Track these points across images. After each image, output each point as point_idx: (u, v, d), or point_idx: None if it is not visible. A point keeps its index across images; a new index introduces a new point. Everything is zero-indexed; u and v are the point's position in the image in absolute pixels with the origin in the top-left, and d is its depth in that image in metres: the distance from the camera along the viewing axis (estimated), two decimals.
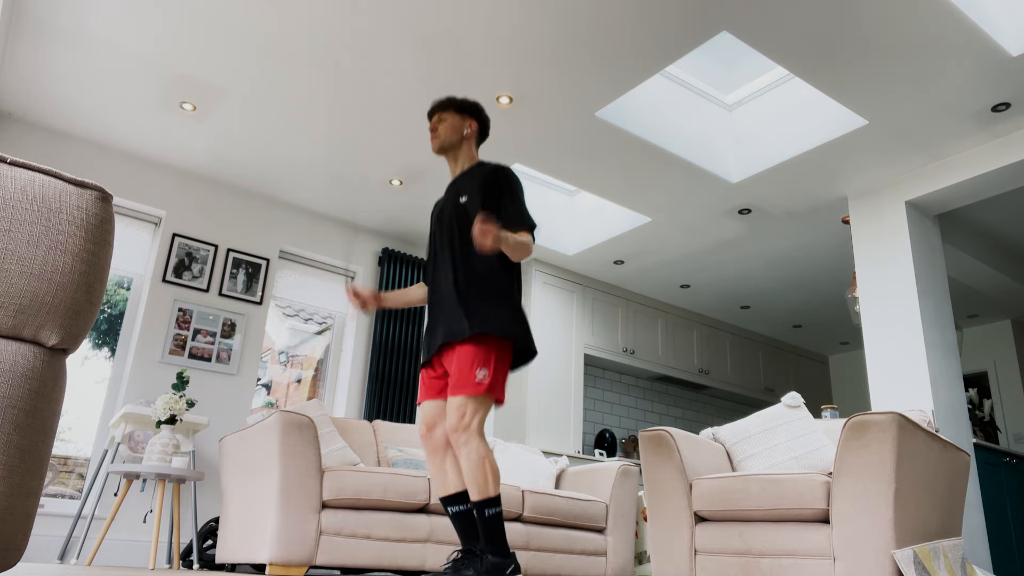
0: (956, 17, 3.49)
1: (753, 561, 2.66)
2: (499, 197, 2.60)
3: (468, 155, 2.77)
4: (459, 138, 2.74)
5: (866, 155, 4.61)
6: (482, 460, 2.38)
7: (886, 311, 4.66)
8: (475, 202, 2.59)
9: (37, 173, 1.08)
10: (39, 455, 1.06)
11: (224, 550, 3.47)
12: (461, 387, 2.43)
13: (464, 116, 2.76)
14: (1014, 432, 6.74)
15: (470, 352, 2.45)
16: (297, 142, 4.84)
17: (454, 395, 2.44)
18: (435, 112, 2.77)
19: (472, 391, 2.41)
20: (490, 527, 2.37)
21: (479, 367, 2.43)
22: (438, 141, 2.74)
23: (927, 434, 2.57)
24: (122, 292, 5.19)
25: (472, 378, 2.42)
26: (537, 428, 5.91)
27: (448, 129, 2.73)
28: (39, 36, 3.94)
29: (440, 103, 2.78)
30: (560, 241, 6.16)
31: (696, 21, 3.62)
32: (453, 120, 2.74)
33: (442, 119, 2.75)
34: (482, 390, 2.41)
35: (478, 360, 2.44)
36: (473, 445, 2.39)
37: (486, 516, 2.37)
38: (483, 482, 2.37)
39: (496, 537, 2.37)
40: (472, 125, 2.77)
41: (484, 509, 2.37)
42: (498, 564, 2.33)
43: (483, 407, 2.44)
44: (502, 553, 2.36)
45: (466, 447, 2.40)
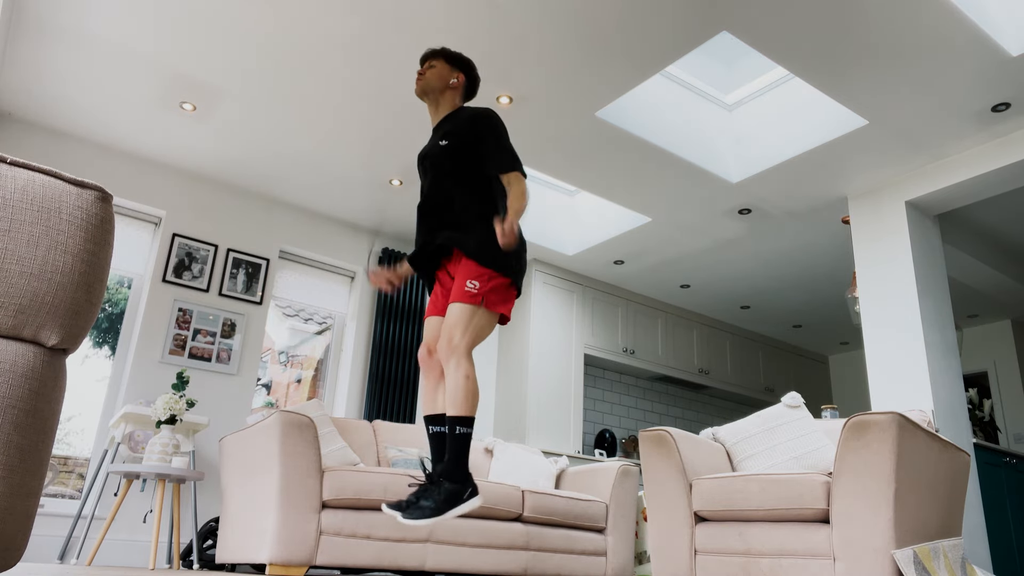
0: (956, 17, 3.49)
1: (753, 561, 2.66)
2: (483, 141, 2.62)
3: (450, 103, 2.79)
4: (443, 85, 2.76)
5: (866, 155, 4.61)
6: (465, 379, 2.42)
7: (886, 311, 4.66)
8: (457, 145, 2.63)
9: (37, 173, 1.08)
10: (39, 455, 1.06)
11: (224, 550, 3.47)
12: (455, 296, 2.50)
13: (453, 67, 2.79)
14: (1014, 432, 6.74)
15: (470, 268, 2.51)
16: (297, 142, 4.84)
17: (450, 304, 2.50)
18: (427, 59, 2.81)
19: (461, 299, 2.47)
20: (456, 445, 2.41)
21: (471, 279, 2.49)
22: (421, 83, 2.77)
23: (927, 434, 2.57)
24: (123, 291, 5.20)
25: (461, 288, 2.49)
26: (537, 428, 5.91)
27: (435, 75, 2.76)
28: (39, 36, 3.94)
29: (433, 50, 2.81)
30: (560, 241, 6.16)
31: (696, 21, 3.62)
32: (442, 68, 2.77)
33: (431, 65, 2.78)
34: (470, 300, 2.46)
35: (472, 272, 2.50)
36: (458, 363, 2.43)
37: (456, 433, 2.41)
38: (461, 400, 2.41)
39: (459, 457, 2.40)
40: (459, 77, 2.80)
41: (456, 426, 2.41)
42: (455, 491, 2.36)
43: (475, 323, 2.48)
44: (460, 478, 2.38)
45: (451, 365, 2.44)
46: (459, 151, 2.62)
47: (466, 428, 2.42)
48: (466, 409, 2.41)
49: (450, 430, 2.42)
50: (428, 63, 2.79)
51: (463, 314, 2.47)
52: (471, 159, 2.62)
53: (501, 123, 2.69)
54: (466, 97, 2.85)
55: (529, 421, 5.88)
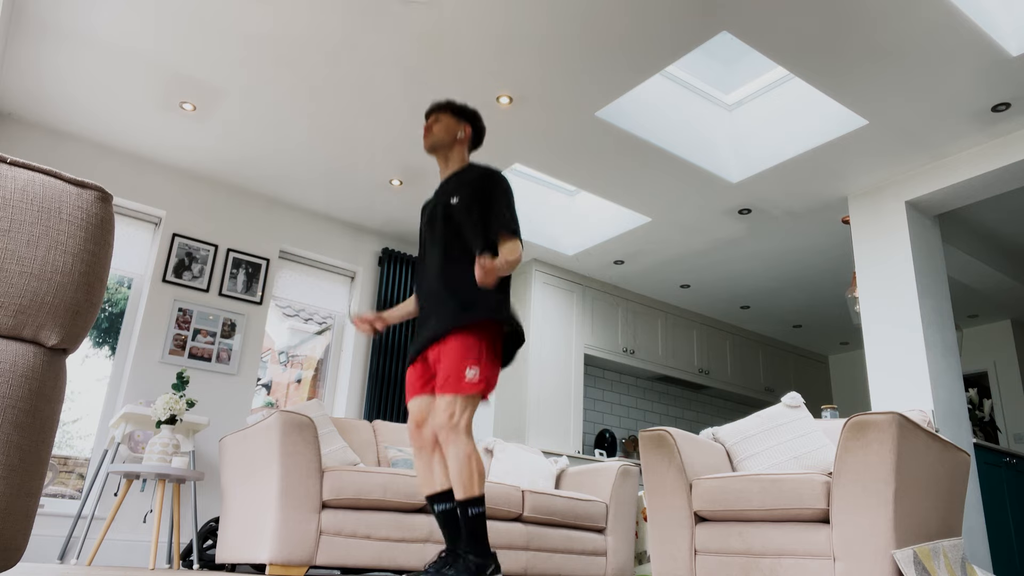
0: (956, 17, 3.49)
1: (753, 561, 2.66)
2: (490, 201, 2.62)
3: (459, 157, 2.79)
4: (451, 140, 2.76)
5: (866, 155, 4.61)
6: (468, 459, 2.40)
7: (886, 311, 4.66)
8: (465, 203, 2.62)
9: (37, 173, 1.08)
10: (39, 455, 1.06)
11: (224, 550, 3.47)
12: (451, 386, 2.43)
13: (460, 120, 2.79)
14: (1014, 432, 6.74)
15: (459, 347, 2.46)
16: (297, 142, 4.84)
17: (443, 393, 2.45)
18: (432, 112, 2.81)
19: (462, 391, 2.42)
20: (473, 526, 2.39)
21: (469, 365, 2.43)
22: (430, 139, 2.77)
23: (927, 434, 2.57)
24: (123, 291, 5.19)
25: (462, 377, 2.43)
26: (537, 428, 5.91)
27: (442, 130, 2.76)
28: (39, 36, 3.94)
29: (438, 104, 2.81)
30: (560, 241, 6.16)
31: (696, 21, 3.62)
32: (448, 122, 2.77)
33: (438, 119, 2.78)
34: (472, 389, 2.43)
35: (468, 356, 2.44)
36: (461, 443, 2.40)
37: (469, 515, 2.38)
38: (468, 481, 2.38)
39: (478, 537, 2.39)
40: (466, 130, 2.80)
41: (468, 508, 2.39)
42: (479, 564, 2.35)
43: (472, 405, 2.46)
44: (483, 553, 2.38)
45: (454, 446, 2.41)
46: (468, 210, 2.60)
47: (479, 508, 2.40)
48: (476, 489, 2.39)
49: (462, 513, 2.39)
50: (434, 117, 2.79)
51: (460, 399, 2.43)
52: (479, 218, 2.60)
53: (508, 185, 2.69)
54: (473, 147, 2.86)
55: (529, 421, 5.88)
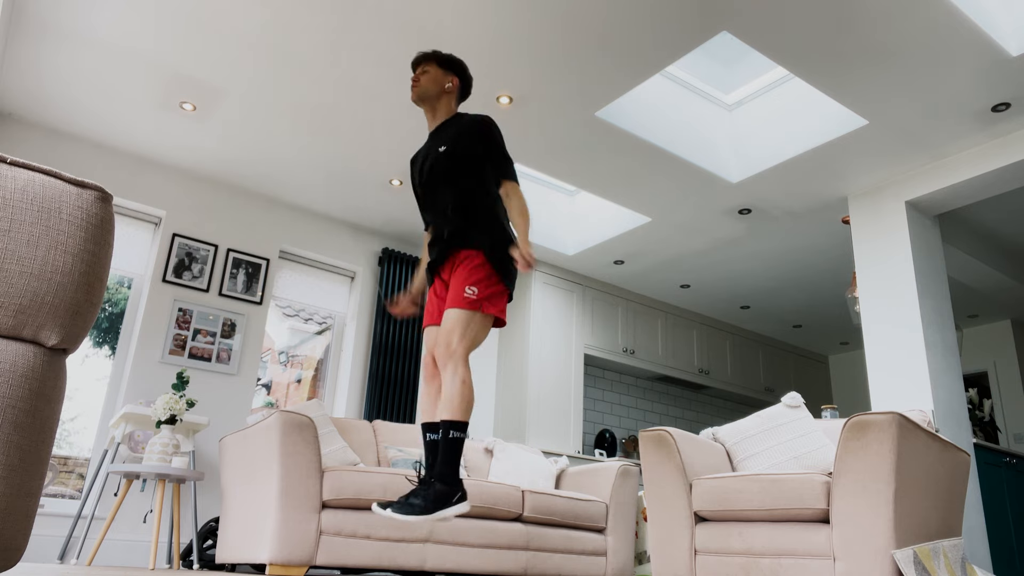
0: (956, 17, 3.49)
1: (753, 561, 2.66)
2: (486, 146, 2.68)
3: (447, 108, 2.82)
4: (439, 90, 2.79)
5: (866, 155, 4.61)
6: (461, 384, 2.45)
7: (886, 311, 4.66)
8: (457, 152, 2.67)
9: (37, 173, 1.08)
10: (39, 455, 1.06)
11: (224, 550, 3.47)
12: (451, 302, 2.53)
13: (446, 71, 2.82)
14: (1014, 432, 6.74)
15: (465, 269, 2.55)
16: (297, 142, 4.84)
17: (447, 309, 2.53)
18: (419, 63, 2.83)
19: (461, 305, 2.50)
20: (448, 448, 2.43)
21: (468, 285, 2.52)
22: (417, 90, 2.79)
23: (927, 434, 2.57)
24: (123, 291, 5.20)
25: (461, 294, 2.51)
26: (537, 428, 5.91)
27: (429, 80, 2.79)
28: (39, 36, 3.95)
29: (424, 54, 2.83)
30: (560, 241, 6.16)
31: (696, 21, 3.62)
32: (435, 73, 2.80)
33: (425, 70, 2.80)
34: (469, 306, 2.50)
35: (470, 277, 2.53)
36: (456, 368, 2.46)
37: (449, 436, 2.43)
38: (456, 404, 2.43)
39: (451, 461, 2.43)
40: (453, 81, 2.82)
41: (449, 429, 2.43)
42: (444, 492, 2.39)
43: (472, 330, 2.51)
44: (451, 481, 2.41)
45: (448, 369, 2.47)
46: (461, 156, 2.66)
47: (460, 432, 2.44)
48: (461, 413, 2.44)
49: (444, 433, 2.44)
50: (421, 68, 2.82)
51: (461, 319, 2.50)
52: (472, 164, 2.67)
53: (497, 129, 2.75)
54: (461, 99, 2.88)
55: (529, 421, 5.88)
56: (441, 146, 2.70)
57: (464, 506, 2.42)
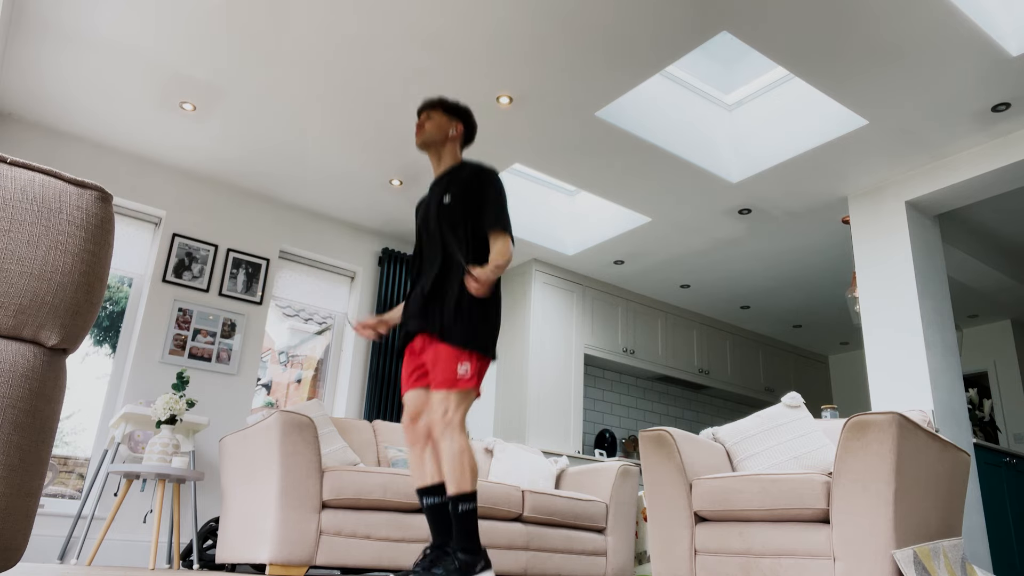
0: (956, 17, 3.49)
1: (753, 561, 2.66)
2: (482, 198, 2.65)
3: (451, 155, 2.81)
4: (443, 137, 2.78)
5: (866, 155, 4.61)
6: (462, 454, 2.42)
7: (886, 311, 4.66)
8: (459, 204, 2.65)
9: (37, 173, 1.08)
10: (39, 455, 1.06)
11: (224, 550, 3.47)
12: (444, 383, 2.48)
13: (451, 117, 2.81)
14: (1014, 432, 6.74)
15: (452, 351, 2.50)
16: (297, 142, 4.84)
17: (437, 390, 2.49)
18: (424, 110, 2.82)
19: (455, 387, 2.47)
20: (463, 522, 2.40)
21: (461, 362, 2.49)
22: (422, 136, 2.79)
23: (927, 434, 2.57)
24: (124, 289, 5.20)
25: (454, 374, 2.47)
26: (537, 428, 5.91)
27: (434, 127, 2.78)
28: (40, 36, 3.94)
29: (430, 101, 2.83)
30: (560, 241, 6.16)
31: (696, 21, 3.62)
32: (440, 120, 2.79)
33: (430, 117, 2.80)
34: (465, 386, 2.48)
35: (460, 355, 2.50)
36: (454, 438, 2.44)
37: (460, 511, 2.40)
38: (460, 476, 2.41)
39: (468, 533, 2.40)
40: (458, 127, 2.81)
41: (459, 503, 2.40)
42: (468, 561, 2.36)
43: (465, 401, 2.50)
44: (473, 550, 2.38)
45: (447, 440, 2.44)
46: (461, 208, 2.64)
47: (470, 504, 2.41)
48: (468, 484, 2.41)
49: (453, 509, 2.41)
50: (426, 114, 2.80)
51: (453, 398, 2.47)
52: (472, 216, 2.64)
53: (500, 182, 2.71)
54: (465, 144, 2.87)
55: (529, 421, 5.88)
56: (445, 196, 2.69)
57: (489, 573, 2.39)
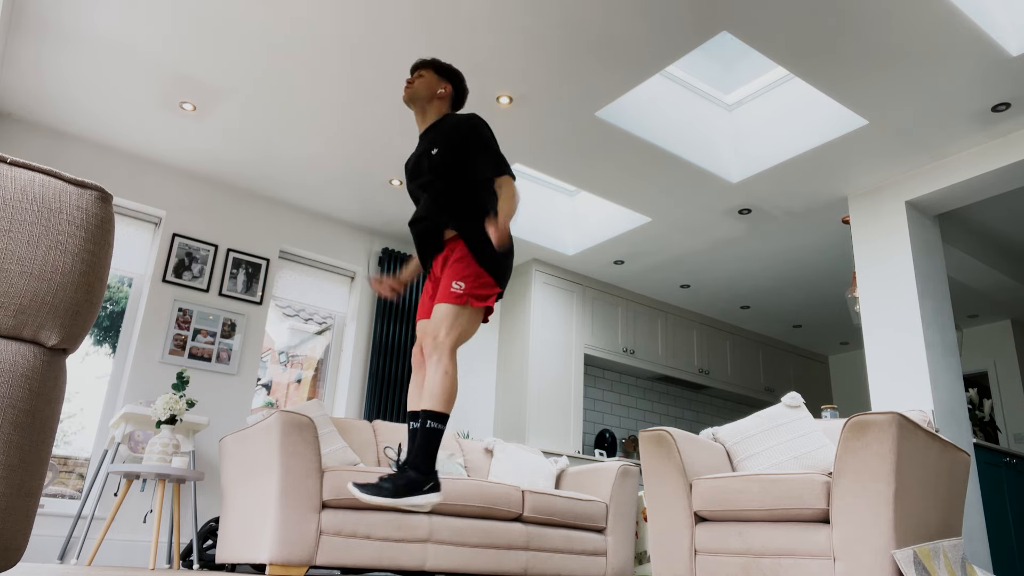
0: (956, 17, 3.49)
1: (753, 561, 2.66)
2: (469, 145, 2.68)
3: (437, 111, 2.85)
4: (430, 95, 2.82)
5: (866, 155, 4.61)
6: (443, 375, 2.47)
7: (886, 311, 4.66)
8: (448, 153, 2.69)
9: (37, 173, 1.09)
10: (39, 455, 1.06)
11: (224, 550, 3.47)
12: (440, 296, 2.56)
13: (442, 78, 2.85)
14: (1014, 432, 6.74)
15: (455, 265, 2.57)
16: (297, 142, 4.84)
17: (436, 304, 2.57)
18: (417, 68, 2.87)
19: (449, 300, 2.53)
20: (426, 438, 2.44)
21: (455, 280, 2.55)
22: (409, 91, 2.82)
23: (927, 434, 2.57)
24: (124, 289, 5.20)
25: (448, 288, 2.54)
26: (537, 428, 5.91)
27: (423, 84, 2.82)
28: (40, 36, 3.94)
29: (424, 60, 2.88)
30: (560, 241, 6.16)
31: (696, 21, 3.62)
32: (430, 78, 2.84)
33: (420, 75, 2.84)
34: (459, 300, 2.53)
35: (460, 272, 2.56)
36: (440, 359, 2.48)
37: (427, 426, 2.45)
38: (438, 395, 2.45)
39: (427, 451, 2.44)
40: (447, 87, 2.85)
41: (428, 419, 2.45)
42: (416, 480, 2.40)
43: (460, 322, 2.54)
44: (424, 470, 2.42)
45: (433, 360, 2.50)
46: (448, 157, 2.68)
47: (438, 423, 2.45)
48: (441, 404, 2.45)
49: (422, 422, 2.45)
50: (418, 72, 2.85)
51: (448, 314, 2.53)
52: (460, 164, 2.67)
53: (486, 127, 2.74)
54: (454, 107, 2.89)
55: (529, 421, 5.88)
56: (432, 147, 2.72)
57: (435, 497, 2.41)
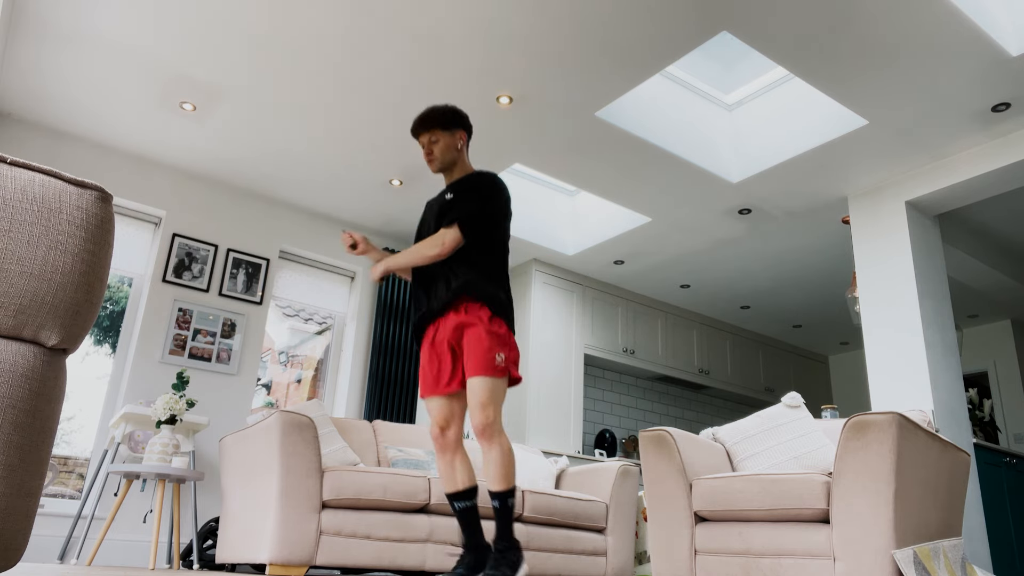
0: (956, 17, 3.49)
1: (753, 561, 2.66)
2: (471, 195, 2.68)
3: (463, 167, 2.81)
4: (455, 154, 2.78)
5: (866, 155, 4.61)
6: (509, 453, 2.51)
7: (886, 311, 4.66)
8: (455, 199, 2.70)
9: (37, 173, 1.08)
10: (39, 455, 1.06)
11: (224, 550, 3.47)
12: (479, 369, 2.48)
13: (453, 131, 2.77)
14: (1014, 432, 6.74)
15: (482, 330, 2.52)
16: (297, 142, 4.84)
17: (473, 376, 2.49)
18: (421, 132, 2.76)
19: (491, 373, 2.48)
20: (509, 516, 2.50)
21: (497, 351, 2.50)
22: (437, 163, 2.76)
23: (927, 434, 2.57)
24: (124, 288, 5.20)
25: (492, 360, 2.48)
26: (537, 428, 5.91)
27: (444, 150, 2.75)
28: (40, 36, 3.94)
29: (424, 121, 2.75)
30: (560, 241, 6.16)
31: (696, 21, 3.62)
32: (445, 139, 2.75)
33: (434, 140, 2.74)
34: (502, 373, 2.51)
35: (495, 342, 2.51)
36: (501, 440, 2.51)
37: (508, 505, 2.50)
38: (504, 474, 2.49)
39: (511, 525, 2.52)
40: (462, 137, 2.79)
41: (507, 499, 2.50)
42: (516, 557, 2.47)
43: (500, 394, 2.52)
44: (517, 546, 2.50)
45: (495, 443, 2.50)
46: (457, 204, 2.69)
47: (513, 499, 2.53)
48: (511, 482, 2.51)
49: (502, 504, 2.50)
50: (428, 137, 2.75)
51: (490, 388, 2.48)
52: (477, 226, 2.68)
53: (495, 186, 2.69)
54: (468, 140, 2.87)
55: (529, 421, 5.88)
56: (447, 194, 2.73)
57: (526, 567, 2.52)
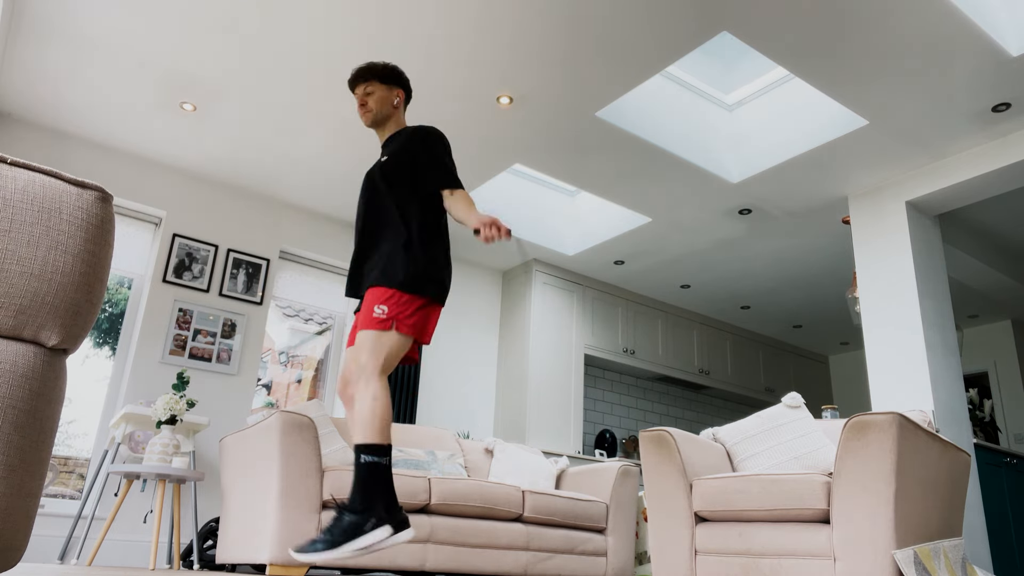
0: (956, 17, 3.49)
1: (753, 561, 2.66)
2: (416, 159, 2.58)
3: (396, 123, 2.75)
4: (391, 110, 2.72)
5: (866, 155, 4.61)
6: (372, 400, 2.24)
7: (886, 311, 4.66)
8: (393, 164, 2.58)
9: (37, 173, 1.08)
10: (39, 455, 1.06)
11: (224, 550, 3.47)
12: (363, 323, 2.38)
13: (391, 86, 2.73)
14: (1014, 432, 6.74)
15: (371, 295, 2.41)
16: (297, 142, 4.84)
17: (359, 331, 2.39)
18: (358, 82, 2.70)
19: (372, 326, 2.35)
20: (362, 476, 2.16)
21: (377, 304, 2.37)
22: (371, 116, 2.70)
23: (927, 434, 2.57)
24: (124, 291, 5.20)
25: (370, 314, 2.37)
26: (537, 428, 5.91)
27: (379, 102, 2.70)
28: (39, 36, 3.94)
29: (362, 72, 2.70)
30: (560, 241, 6.16)
31: (696, 21, 3.62)
32: (381, 92, 2.70)
33: (369, 91, 2.70)
34: (379, 326, 2.34)
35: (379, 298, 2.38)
36: (367, 384, 2.27)
37: (361, 462, 2.17)
38: (368, 423, 2.20)
39: (364, 489, 2.15)
40: (400, 94, 2.75)
41: (360, 454, 2.18)
42: (354, 523, 2.09)
43: (384, 346, 2.33)
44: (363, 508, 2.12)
45: (360, 387, 2.28)
46: (394, 170, 2.58)
47: (373, 456, 2.17)
48: (375, 434, 2.19)
49: (356, 459, 2.18)
50: (363, 88, 2.69)
51: (370, 339, 2.34)
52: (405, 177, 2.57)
53: (438, 139, 2.63)
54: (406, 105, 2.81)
55: (529, 421, 5.88)
56: (383, 158, 2.63)
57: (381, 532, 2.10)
